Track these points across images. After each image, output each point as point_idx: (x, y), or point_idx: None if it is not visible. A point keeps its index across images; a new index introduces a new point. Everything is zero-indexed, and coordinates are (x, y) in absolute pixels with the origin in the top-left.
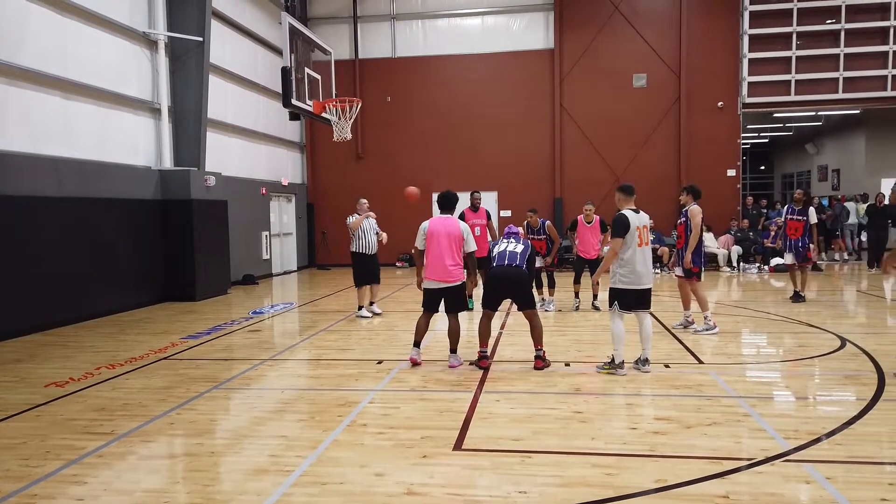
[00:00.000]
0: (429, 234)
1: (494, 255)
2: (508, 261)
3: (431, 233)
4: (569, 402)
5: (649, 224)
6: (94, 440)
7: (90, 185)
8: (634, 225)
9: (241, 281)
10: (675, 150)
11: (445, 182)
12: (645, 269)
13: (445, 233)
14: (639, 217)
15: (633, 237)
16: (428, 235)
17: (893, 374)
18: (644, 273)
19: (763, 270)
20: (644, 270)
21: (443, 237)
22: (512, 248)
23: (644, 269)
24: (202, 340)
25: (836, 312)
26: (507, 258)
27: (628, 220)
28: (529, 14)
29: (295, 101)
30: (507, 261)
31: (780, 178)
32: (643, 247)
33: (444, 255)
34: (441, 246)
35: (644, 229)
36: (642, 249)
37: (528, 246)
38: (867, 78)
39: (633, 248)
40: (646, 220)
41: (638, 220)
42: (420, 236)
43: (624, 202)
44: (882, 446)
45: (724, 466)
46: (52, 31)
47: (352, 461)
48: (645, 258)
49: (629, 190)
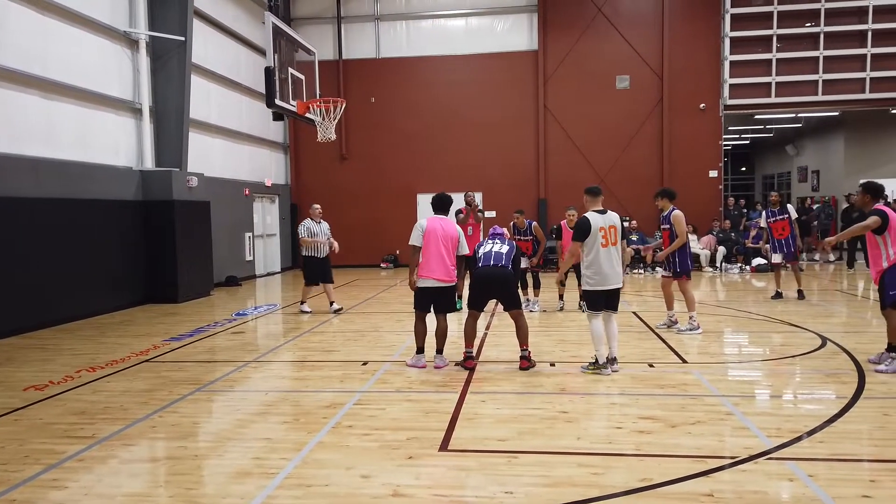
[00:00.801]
0: (427, 231)
1: (480, 256)
2: (494, 261)
3: (430, 231)
4: (554, 402)
5: (621, 224)
6: (75, 444)
7: (71, 185)
8: (597, 227)
9: (224, 282)
10: (657, 152)
11: (430, 182)
12: (611, 269)
13: (442, 233)
14: (605, 218)
15: (594, 239)
16: (426, 233)
17: (868, 359)
18: (610, 273)
19: (744, 270)
20: (610, 271)
21: (440, 237)
22: (497, 249)
23: (610, 270)
24: (185, 342)
25: (816, 311)
26: (493, 258)
27: (588, 224)
28: (513, 15)
29: (278, 101)
30: (493, 261)
31: (761, 180)
32: (608, 247)
33: (443, 255)
34: (440, 245)
35: (611, 230)
36: (607, 250)
37: (514, 247)
38: (846, 80)
39: (595, 249)
40: (614, 220)
41: (603, 221)
42: (417, 233)
43: (590, 203)
44: (863, 443)
45: (709, 465)
46: (32, 31)
47: (337, 463)
48: (611, 259)
49: (594, 191)
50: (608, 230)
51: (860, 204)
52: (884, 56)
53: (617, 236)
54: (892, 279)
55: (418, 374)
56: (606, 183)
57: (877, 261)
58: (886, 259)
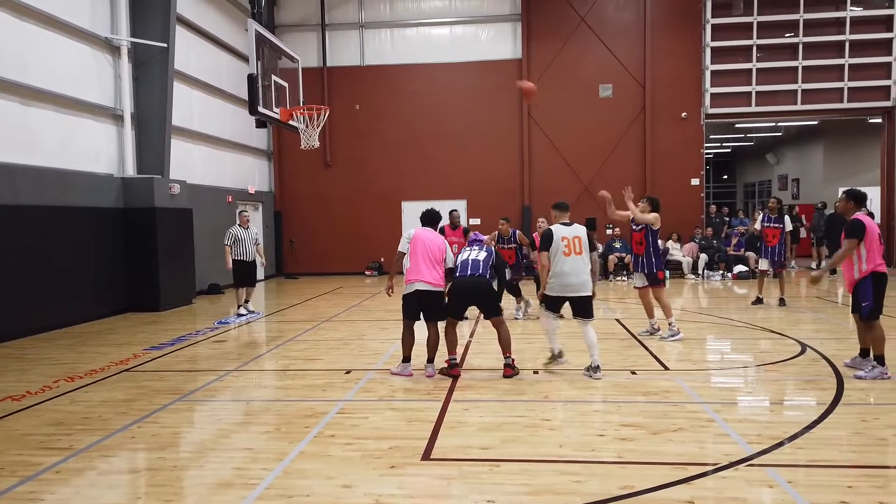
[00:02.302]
0: (414, 238)
1: (457, 265)
2: (472, 270)
3: (416, 238)
4: (537, 409)
5: (587, 236)
6: (52, 455)
7: (49, 193)
8: (559, 236)
9: (206, 290)
10: (640, 160)
11: (414, 190)
12: (575, 278)
13: (430, 241)
14: (570, 229)
15: (557, 248)
16: (413, 240)
17: (844, 363)
18: (574, 282)
19: (726, 278)
20: (574, 280)
21: (427, 244)
22: (475, 257)
23: (574, 279)
24: (166, 351)
25: (797, 318)
26: (471, 268)
27: (550, 235)
28: (497, 24)
29: (262, 108)
30: (471, 270)
31: (743, 188)
32: (572, 256)
33: (431, 260)
34: (427, 251)
35: (576, 240)
36: (571, 259)
37: (492, 253)
38: (824, 90)
39: (558, 258)
40: (579, 231)
41: (567, 232)
42: (404, 241)
43: (558, 217)
44: (841, 450)
45: (690, 472)
46: (10, 36)
47: (319, 473)
48: (574, 268)
49: (561, 206)
50: (572, 240)
51: (843, 210)
52: (861, 66)
53: (582, 246)
54: (864, 291)
55: (402, 382)
56: (590, 190)
57: (850, 270)
58: (858, 271)
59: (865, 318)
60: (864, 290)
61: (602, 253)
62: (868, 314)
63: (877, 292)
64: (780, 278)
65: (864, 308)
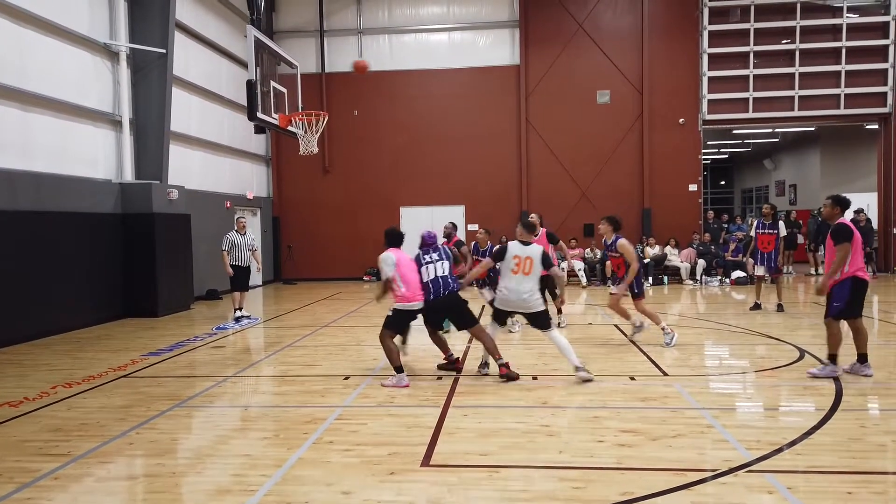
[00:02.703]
0: (398, 262)
1: (428, 283)
2: (443, 289)
3: (400, 260)
4: (535, 415)
5: (541, 258)
6: (50, 462)
7: (47, 198)
8: (512, 254)
9: (204, 296)
10: (638, 166)
11: (412, 195)
12: (515, 296)
13: (409, 262)
14: (524, 249)
15: (507, 265)
16: (398, 263)
17: (843, 369)
18: (513, 299)
19: (724, 283)
20: (514, 297)
21: (409, 264)
22: (441, 273)
23: (514, 296)
24: (164, 357)
25: (795, 324)
26: (442, 287)
27: (504, 250)
28: (495, 31)
29: (260, 114)
30: (443, 290)
31: (740, 193)
32: (518, 275)
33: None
34: (411, 270)
35: (527, 261)
36: (516, 278)
37: (449, 255)
38: (821, 96)
39: (506, 274)
40: (533, 252)
41: (521, 251)
42: (390, 266)
43: (520, 234)
44: (840, 455)
45: (690, 478)
46: (9, 41)
47: (317, 479)
48: (518, 286)
49: (527, 226)
50: (524, 260)
51: (828, 216)
52: (857, 73)
53: (532, 268)
54: (839, 292)
55: (400, 388)
56: (588, 196)
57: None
58: (841, 272)
59: (833, 316)
60: (841, 292)
61: (600, 259)
62: (836, 314)
63: (854, 296)
64: (777, 284)
65: (834, 307)
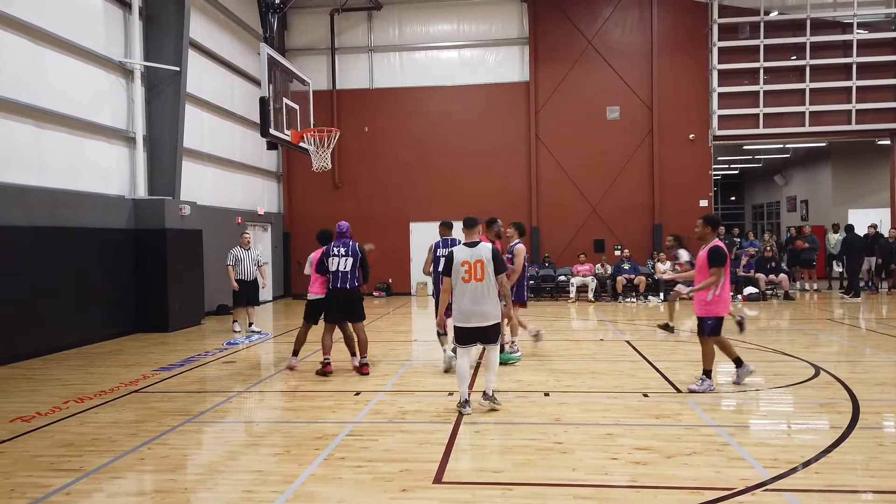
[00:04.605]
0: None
1: (331, 273)
2: (341, 283)
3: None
4: (548, 432)
5: (493, 258)
6: (62, 477)
7: (61, 214)
8: (460, 260)
9: (215, 311)
10: (648, 181)
11: (422, 211)
12: (473, 306)
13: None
14: (472, 251)
15: (457, 273)
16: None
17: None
18: (471, 311)
19: (736, 299)
20: (472, 308)
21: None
22: (343, 268)
23: (472, 307)
24: (175, 372)
25: (808, 340)
26: (340, 280)
27: (451, 259)
28: (505, 48)
29: (273, 130)
30: (340, 283)
31: (751, 209)
32: (472, 283)
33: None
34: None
35: (478, 265)
36: (471, 286)
37: (357, 254)
38: (832, 112)
39: (457, 284)
40: (482, 253)
41: (469, 255)
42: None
43: (466, 235)
44: (859, 474)
45: (706, 497)
46: (26, 60)
47: (329, 496)
48: (475, 295)
49: (467, 222)
50: (473, 265)
51: (701, 236)
52: (869, 88)
53: (484, 272)
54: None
55: (411, 404)
56: (598, 211)
57: (703, 293)
58: (713, 295)
59: (707, 334)
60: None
61: (611, 274)
62: (710, 332)
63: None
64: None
65: (708, 325)
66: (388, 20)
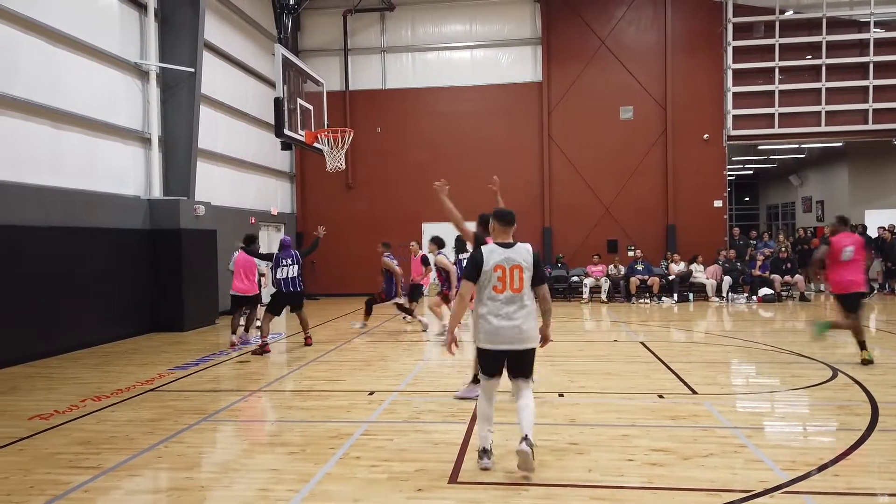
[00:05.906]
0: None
1: (280, 280)
2: (292, 286)
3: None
4: (563, 433)
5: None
6: (80, 474)
7: (77, 214)
8: (493, 264)
9: (229, 311)
10: (662, 181)
11: (435, 211)
12: (507, 321)
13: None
14: (508, 253)
15: (487, 280)
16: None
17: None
18: (504, 329)
19: (751, 301)
20: (504, 325)
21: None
22: (291, 274)
23: (505, 323)
24: (190, 371)
25: (825, 342)
26: (291, 284)
27: (479, 260)
28: (518, 48)
29: (288, 131)
30: (291, 287)
31: (766, 210)
32: (506, 293)
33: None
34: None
35: (515, 270)
36: (505, 297)
37: (299, 261)
38: (848, 112)
39: (487, 293)
40: (521, 256)
41: (504, 257)
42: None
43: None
44: (879, 477)
45: (723, 499)
46: (43, 61)
47: (345, 495)
48: (509, 309)
49: (502, 216)
50: (509, 271)
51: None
52: (886, 88)
53: (522, 281)
54: None
55: (426, 403)
56: (611, 212)
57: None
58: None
59: None
60: None
61: (624, 275)
62: None
63: None
64: None
65: None
66: (400, 21)
